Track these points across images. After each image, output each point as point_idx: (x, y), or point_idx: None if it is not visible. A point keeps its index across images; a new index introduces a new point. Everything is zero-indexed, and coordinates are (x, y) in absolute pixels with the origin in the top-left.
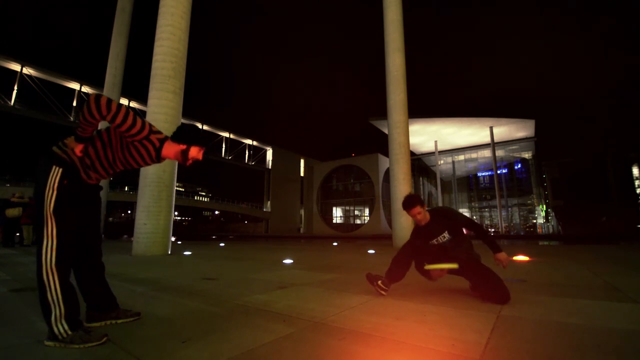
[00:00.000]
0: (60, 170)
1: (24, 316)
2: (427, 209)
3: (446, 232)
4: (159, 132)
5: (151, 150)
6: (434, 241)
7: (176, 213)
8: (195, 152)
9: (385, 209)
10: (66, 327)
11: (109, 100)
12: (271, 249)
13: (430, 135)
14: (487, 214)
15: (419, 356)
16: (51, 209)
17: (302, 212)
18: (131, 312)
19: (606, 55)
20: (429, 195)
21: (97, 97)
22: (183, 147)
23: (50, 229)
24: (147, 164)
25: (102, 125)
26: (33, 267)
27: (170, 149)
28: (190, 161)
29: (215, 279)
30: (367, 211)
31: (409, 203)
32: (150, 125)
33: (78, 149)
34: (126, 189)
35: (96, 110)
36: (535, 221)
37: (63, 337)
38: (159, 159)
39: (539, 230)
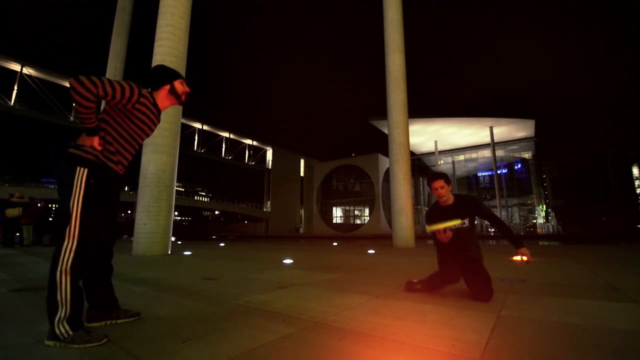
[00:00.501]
0: (86, 170)
1: (24, 316)
2: (452, 192)
3: (467, 219)
4: (143, 88)
5: (150, 106)
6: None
7: (176, 213)
8: (180, 86)
9: (385, 209)
10: (68, 327)
11: (88, 76)
12: (271, 249)
13: (430, 135)
14: None
15: (419, 356)
16: (79, 209)
17: (302, 212)
18: (131, 312)
19: (606, 55)
20: (429, 195)
21: (78, 79)
22: (167, 86)
23: (74, 230)
24: (155, 124)
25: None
26: (33, 267)
27: (161, 97)
28: (184, 97)
29: (215, 279)
30: (367, 211)
31: (435, 175)
32: (134, 82)
33: (95, 142)
34: (126, 188)
35: (86, 90)
36: (535, 221)
37: (64, 337)
38: (159, 111)
39: (538, 230)
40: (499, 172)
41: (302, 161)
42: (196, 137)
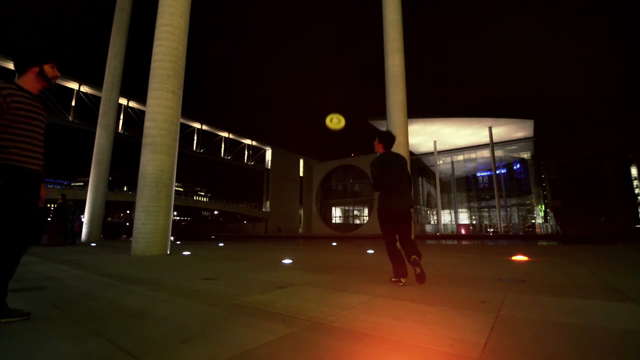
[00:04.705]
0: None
1: None
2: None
3: None
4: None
5: (20, 94)
6: None
7: (175, 213)
8: (50, 71)
9: None
10: None
11: None
12: (270, 249)
13: (430, 136)
14: (486, 214)
15: (418, 356)
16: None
17: (302, 212)
18: (20, 311)
19: (605, 55)
20: (428, 195)
21: None
22: (35, 69)
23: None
24: (40, 109)
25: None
26: (32, 267)
27: (29, 80)
28: (54, 80)
29: (214, 279)
30: (366, 211)
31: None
32: None
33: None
34: (125, 189)
35: None
36: (534, 221)
37: None
38: (33, 96)
39: (537, 230)
40: (498, 172)
41: (301, 161)
42: (195, 137)
